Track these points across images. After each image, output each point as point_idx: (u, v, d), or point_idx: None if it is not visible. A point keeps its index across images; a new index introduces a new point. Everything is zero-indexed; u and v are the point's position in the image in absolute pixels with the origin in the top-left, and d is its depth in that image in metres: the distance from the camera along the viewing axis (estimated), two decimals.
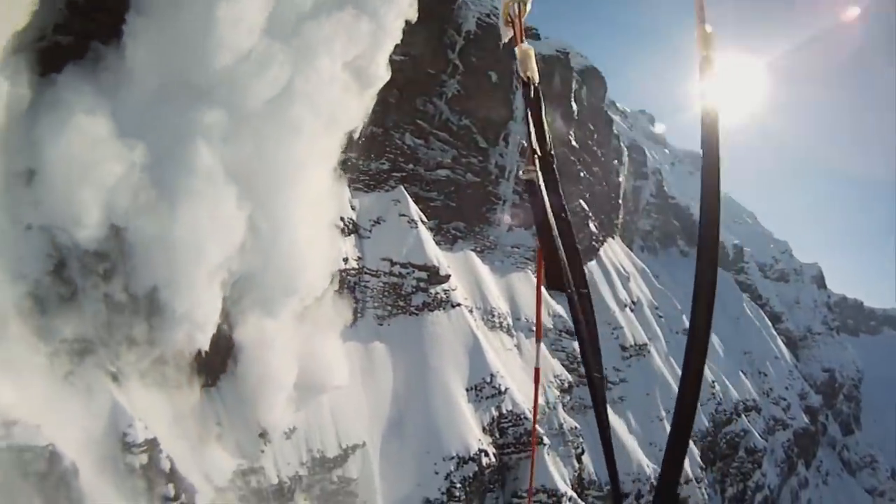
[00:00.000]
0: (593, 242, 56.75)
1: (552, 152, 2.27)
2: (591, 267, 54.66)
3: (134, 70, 24.52)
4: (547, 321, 47.20)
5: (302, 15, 28.92)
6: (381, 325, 38.71)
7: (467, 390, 37.06)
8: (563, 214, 2.16)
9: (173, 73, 24.88)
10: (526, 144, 2.31)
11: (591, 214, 56.97)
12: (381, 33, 32.34)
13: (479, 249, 46.70)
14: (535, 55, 2.20)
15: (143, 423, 22.62)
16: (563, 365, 46.46)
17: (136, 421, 22.17)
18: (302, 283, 30.89)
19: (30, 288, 21.38)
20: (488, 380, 38.02)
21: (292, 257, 29.85)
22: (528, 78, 2.28)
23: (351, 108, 32.86)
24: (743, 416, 66.00)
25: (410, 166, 42.52)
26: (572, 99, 55.34)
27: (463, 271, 44.64)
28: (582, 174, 57.95)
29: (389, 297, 39.58)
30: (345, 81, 31.35)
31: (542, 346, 46.85)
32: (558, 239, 2.09)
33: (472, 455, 34.15)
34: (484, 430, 36.31)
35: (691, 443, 54.95)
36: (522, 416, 37.78)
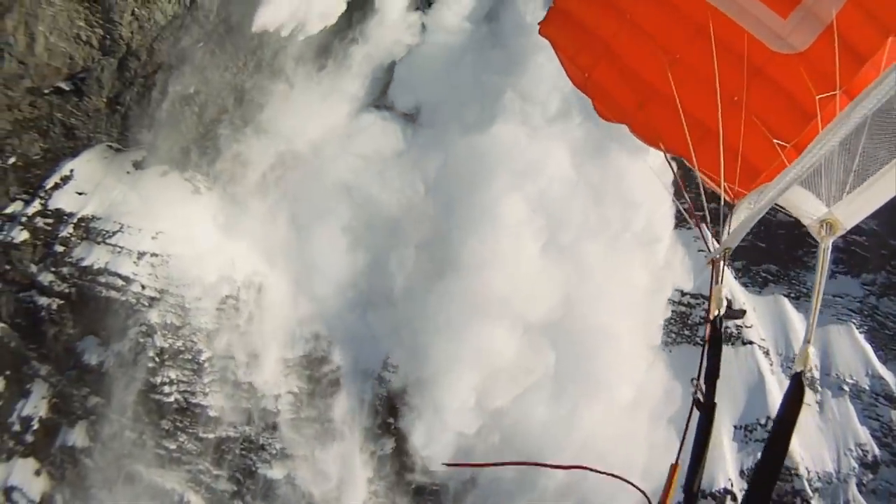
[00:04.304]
0: None
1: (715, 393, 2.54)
2: None
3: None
4: (863, 381, 42.22)
5: None
6: (664, 349, 41.41)
7: (735, 427, 36.63)
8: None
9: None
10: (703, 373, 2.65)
11: None
12: None
13: (793, 295, 44.53)
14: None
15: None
16: (873, 435, 41.20)
17: (397, 347, 32.15)
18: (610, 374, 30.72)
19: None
20: (763, 422, 36.89)
21: (601, 346, 29.73)
22: (714, 316, 2.43)
23: None
24: None
25: (713, 205, 43.15)
26: None
27: (769, 315, 43.44)
28: None
29: (676, 324, 41.94)
30: None
31: (851, 408, 42.22)
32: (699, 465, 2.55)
33: (712, 491, 33.91)
34: (741, 473, 35.36)
35: None
36: (792, 472, 36.04)
